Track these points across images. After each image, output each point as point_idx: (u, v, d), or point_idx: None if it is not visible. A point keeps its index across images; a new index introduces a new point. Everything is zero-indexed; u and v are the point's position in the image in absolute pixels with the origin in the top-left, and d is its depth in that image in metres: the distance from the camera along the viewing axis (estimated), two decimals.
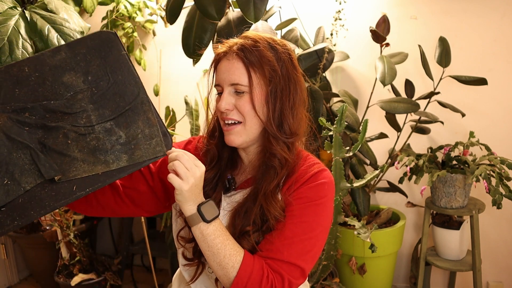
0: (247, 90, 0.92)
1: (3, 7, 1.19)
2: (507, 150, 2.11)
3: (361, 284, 2.11)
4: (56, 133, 0.88)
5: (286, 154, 0.94)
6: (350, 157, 1.99)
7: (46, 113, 0.88)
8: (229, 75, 0.93)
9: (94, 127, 0.88)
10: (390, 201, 2.37)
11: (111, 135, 0.88)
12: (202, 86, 2.55)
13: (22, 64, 0.91)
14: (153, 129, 0.89)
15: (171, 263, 2.26)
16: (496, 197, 1.78)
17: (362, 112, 2.16)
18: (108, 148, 0.88)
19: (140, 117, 0.90)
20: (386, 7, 2.20)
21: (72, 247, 2.42)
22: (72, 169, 0.86)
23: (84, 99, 0.90)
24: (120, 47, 0.93)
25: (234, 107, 0.93)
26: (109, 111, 0.90)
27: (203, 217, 0.86)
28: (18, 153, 0.85)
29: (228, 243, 0.87)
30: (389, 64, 1.83)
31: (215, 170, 1.01)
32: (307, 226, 0.91)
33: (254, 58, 0.91)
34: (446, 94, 2.07)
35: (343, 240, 2.01)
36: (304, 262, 0.90)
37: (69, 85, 0.90)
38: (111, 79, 0.91)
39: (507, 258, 2.26)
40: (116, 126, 0.89)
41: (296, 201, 0.92)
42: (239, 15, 1.59)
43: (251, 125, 0.94)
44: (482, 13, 2.11)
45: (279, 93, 0.93)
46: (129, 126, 0.89)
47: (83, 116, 0.89)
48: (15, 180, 0.84)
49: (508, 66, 2.12)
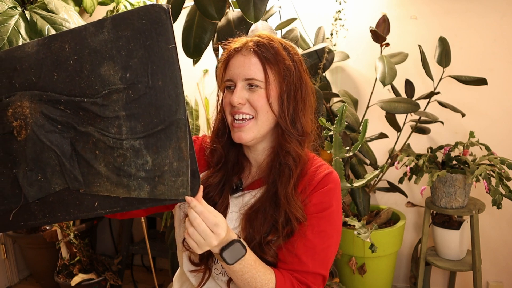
0: (261, 86, 0.92)
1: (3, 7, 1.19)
2: (507, 150, 2.11)
3: (361, 284, 2.11)
4: (86, 138, 0.81)
5: (299, 151, 0.95)
6: (350, 157, 1.99)
7: (80, 110, 0.80)
8: (244, 70, 0.93)
9: (122, 142, 0.78)
10: (390, 201, 2.37)
11: (138, 158, 0.78)
12: (202, 86, 2.55)
13: (64, 40, 0.81)
14: (182, 164, 0.76)
15: (171, 263, 2.26)
16: (496, 197, 1.78)
17: (362, 112, 2.16)
18: (132, 172, 0.78)
19: (172, 144, 0.76)
20: (386, 7, 2.20)
21: (72, 247, 2.42)
22: (96, 184, 0.81)
23: (119, 102, 0.78)
24: (169, 35, 0.76)
25: (247, 102, 0.93)
26: (140, 126, 0.77)
27: (226, 261, 0.85)
28: (49, 153, 0.83)
29: (258, 275, 0.87)
30: (389, 64, 1.83)
31: (221, 174, 0.99)
32: (325, 235, 0.93)
33: (270, 55, 0.92)
34: (446, 94, 2.07)
35: (343, 240, 2.01)
36: (325, 270, 0.93)
37: (106, 79, 0.79)
38: (150, 83, 0.77)
39: (507, 258, 2.26)
40: (145, 148, 0.78)
41: (311, 209, 0.93)
42: (239, 15, 1.59)
43: (262, 121, 0.93)
44: (482, 13, 2.11)
45: (293, 92, 0.94)
46: (158, 152, 0.77)
47: (115, 124, 0.78)
48: (47, 179, 0.83)
49: (508, 66, 2.12)
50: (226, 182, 0.99)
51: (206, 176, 1.01)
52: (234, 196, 0.99)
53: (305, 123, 0.96)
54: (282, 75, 0.93)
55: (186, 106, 2.70)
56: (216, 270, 0.97)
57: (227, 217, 0.97)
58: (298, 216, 0.91)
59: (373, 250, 1.60)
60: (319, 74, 1.94)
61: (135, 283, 2.67)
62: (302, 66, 0.98)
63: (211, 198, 0.97)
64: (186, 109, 0.77)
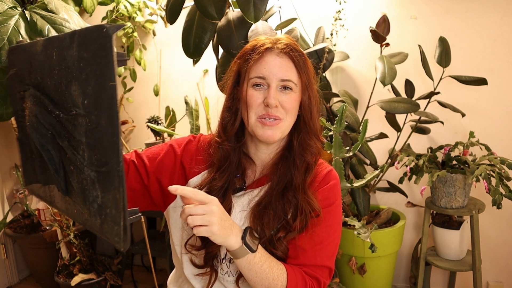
0: (294, 89, 0.95)
1: (3, 7, 1.19)
2: (507, 150, 2.11)
3: (361, 284, 2.11)
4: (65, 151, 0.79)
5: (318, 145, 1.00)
6: (350, 157, 1.99)
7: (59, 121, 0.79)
8: (281, 71, 0.94)
9: (84, 169, 0.74)
10: (390, 201, 2.37)
11: (93, 189, 0.73)
12: (202, 86, 2.55)
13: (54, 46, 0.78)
14: (117, 214, 0.70)
15: (171, 263, 2.26)
16: (496, 197, 1.78)
17: (362, 112, 2.16)
18: (90, 199, 0.75)
19: (111, 191, 0.70)
20: (386, 7, 2.20)
21: (72, 247, 2.42)
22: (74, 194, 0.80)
23: (82, 127, 0.73)
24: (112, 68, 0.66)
25: (279, 103, 0.94)
26: (95, 159, 0.72)
27: (251, 249, 0.85)
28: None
29: (273, 265, 0.89)
30: (389, 64, 1.83)
31: (225, 178, 0.98)
32: (330, 229, 0.97)
33: (301, 59, 0.96)
34: (446, 94, 2.07)
35: (343, 240, 2.01)
36: (331, 262, 0.97)
37: (74, 100, 0.73)
38: (98, 119, 0.69)
39: (507, 258, 2.26)
40: (97, 182, 0.72)
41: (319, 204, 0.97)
42: (239, 15, 1.59)
43: (289, 122, 0.97)
44: (482, 13, 2.11)
45: (313, 99, 0.99)
46: (103, 191, 0.72)
47: (81, 147, 0.74)
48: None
49: (508, 66, 2.11)
50: (230, 183, 0.98)
51: (209, 178, 0.99)
52: (236, 195, 0.98)
53: (318, 125, 1.02)
54: (309, 80, 0.98)
55: (186, 106, 2.66)
56: (222, 271, 0.96)
57: (231, 216, 0.96)
58: (316, 208, 0.94)
59: (373, 250, 1.60)
60: (319, 74, 1.94)
61: (135, 283, 2.67)
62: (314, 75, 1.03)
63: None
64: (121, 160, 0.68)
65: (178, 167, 1.02)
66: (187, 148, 1.05)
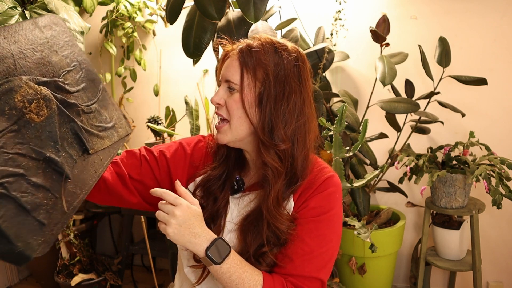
0: (237, 89, 0.92)
1: (3, 7, 1.19)
2: (507, 150, 2.11)
3: (361, 284, 2.11)
4: (73, 110, 0.92)
5: (276, 164, 0.91)
6: (350, 157, 1.99)
7: (57, 90, 0.89)
8: (226, 72, 0.94)
9: (90, 107, 0.98)
10: (390, 201, 2.37)
11: (101, 115, 1.00)
12: (202, 86, 2.55)
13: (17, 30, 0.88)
14: (118, 112, 1.07)
15: (171, 263, 2.26)
16: (496, 197, 1.78)
17: (362, 112, 2.16)
18: (104, 126, 1.00)
19: (108, 102, 1.04)
20: (386, 7, 2.20)
21: (72, 247, 2.42)
22: (94, 142, 0.95)
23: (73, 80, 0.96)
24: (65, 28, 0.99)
25: (225, 104, 0.94)
26: (91, 94, 0.99)
27: (214, 262, 0.84)
28: (63, 126, 0.88)
29: (245, 275, 0.86)
30: (389, 64, 1.83)
31: (222, 168, 1.00)
32: (323, 239, 0.91)
33: (250, 59, 0.91)
34: (446, 94, 2.07)
35: (343, 240, 2.01)
36: (323, 274, 0.91)
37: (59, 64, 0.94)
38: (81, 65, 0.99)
39: (507, 258, 2.26)
40: (100, 108, 1.01)
41: (308, 213, 0.92)
42: (239, 15, 1.59)
43: (236, 125, 0.92)
44: (482, 13, 2.11)
45: (272, 98, 0.90)
46: (107, 109, 1.03)
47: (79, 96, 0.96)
48: (68, 153, 0.88)
49: (508, 66, 2.11)
50: (228, 178, 0.99)
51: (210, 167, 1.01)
52: (234, 197, 0.99)
53: (284, 133, 0.90)
54: (260, 81, 0.90)
55: (186, 106, 2.66)
56: None
57: (228, 217, 0.97)
58: (284, 229, 0.90)
59: (373, 250, 1.60)
60: (319, 74, 1.94)
61: (135, 283, 2.67)
62: (298, 73, 0.94)
63: (212, 192, 0.97)
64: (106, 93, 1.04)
65: (187, 165, 1.03)
66: (196, 147, 1.06)
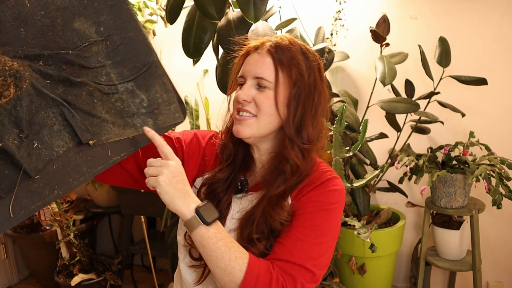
0: (270, 87, 0.91)
1: None
2: (507, 150, 2.10)
3: (361, 284, 2.11)
4: (79, 90, 0.79)
5: (299, 161, 0.92)
6: (350, 157, 1.99)
7: (63, 64, 0.78)
8: (255, 68, 0.92)
9: (117, 87, 0.84)
10: (390, 201, 2.37)
11: (134, 98, 0.85)
12: (202, 86, 2.55)
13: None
14: (169, 94, 0.89)
15: (171, 263, 2.26)
16: (496, 197, 1.78)
17: (362, 112, 2.16)
18: (134, 111, 0.85)
19: (157, 80, 0.88)
20: (386, 7, 2.19)
21: (72, 247, 2.42)
22: (103, 132, 0.81)
23: (100, 53, 0.82)
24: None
25: (253, 100, 0.92)
26: (127, 71, 0.85)
27: (203, 220, 0.81)
28: (47, 111, 0.75)
29: (232, 245, 0.83)
30: (389, 64, 1.83)
31: (230, 170, 0.98)
32: (318, 230, 0.88)
33: (284, 57, 0.91)
34: (446, 94, 2.07)
35: (343, 240, 2.01)
36: (315, 267, 0.87)
37: (82, 33, 0.81)
38: (123, 34, 0.85)
39: (507, 258, 2.26)
40: (137, 88, 0.86)
41: (306, 205, 0.90)
42: (239, 15, 1.59)
43: (265, 122, 0.92)
44: (482, 13, 2.11)
45: (303, 99, 0.92)
46: (148, 90, 0.87)
47: (103, 72, 0.82)
48: (46, 143, 0.74)
49: (508, 66, 2.11)
50: (233, 180, 0.98)
51: (215, 171, 1.00)
52: (237, 196, 0.98)
53: (312, 132, 0.93)
54: (293, 80, 0.91)
55: (186, 106, 2.68)
56: None
57: (229, 215, 0.96)
58: (281, 219, 0.88)
59: (373, 250, 1.60)
60: None
61: (135, 283, 2.67)
62: (320, 74, 0.96)
63: (217, 194, 0.96)
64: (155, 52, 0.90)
65: (200, 158, 1.02)
66: (210, 142, 1.05)
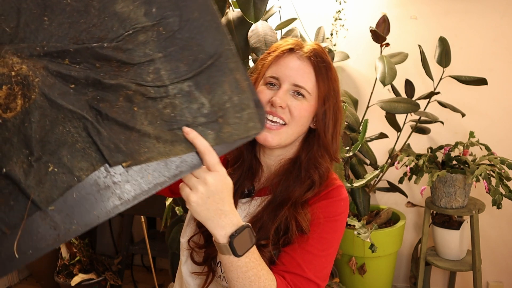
0: (307, 96, 0.89)
1: None
2: (507, 150, 2.10)
3: (361, 284, 2.11)
4: (114, 95, 0.61)
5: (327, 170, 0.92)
6: (350, 157, 1.99)
7: (96, 61, 0.61)
8: (297, 75, 0.89)
9: (167, 88, 0.63)
10: (390, 201, 2.37)
11: (191, 102, 0.64)
12: None
13: None
14: (243, 96, 0.66)
15: (171, 263, 2.26)
16: (496, 197, 1.78)
17: (362, 112, 2.16)
18: (188, 120, 0.63)
19: (227, 77, 0.65)
20: (386, 7, 2.20)
21: (72, 247, 2.42)
22: (143, 149, 0.62)
23: (149, 43, 0.63)
24: None
25: (287, 107, 0.88)
26: (184, 65, 0.64)
27: (235, 253, 0.73)
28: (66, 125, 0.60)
29: (262, 273, 0.78)
30: (389, 64, 1.83)
31: (237, 176, 0.95)
32: (325, 242, 0.89)
33: (324, 69, 0.90)
34: (446, 94, 2.07)
35: (343, 240, 2.01)
36: (321, 280, 0.87)
37: (125, 17, 0.62)
38: (184, 16, 0.64)
39: (507, 258, 2.26)
40: (196, 89, 0.64)
41: (314, 216, 0.90)
42: (239, 15, 1.59)
43: (294, 130, 0.90)
44: (482, 13, 2.11)
45: (334, 110, 0.93)
46: (213, 91, 0.65)
47: (150, 69, 0.63)
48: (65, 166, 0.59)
49: (508, 66, 2.12)
50: (240, 186, 0.96)
51: None
52: (242, 201, 0.96)
53: (338, 145, 0.94)
54: (328, 92, 0.91)
55: None
56: (216, 273, 0.93)
57: None
58: (304, 226, 0.87)
59: (373, 250, 1.60)
60: None
61: (135, 283, 2.67)
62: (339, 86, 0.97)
63: None
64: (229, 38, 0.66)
65: None
66: None
